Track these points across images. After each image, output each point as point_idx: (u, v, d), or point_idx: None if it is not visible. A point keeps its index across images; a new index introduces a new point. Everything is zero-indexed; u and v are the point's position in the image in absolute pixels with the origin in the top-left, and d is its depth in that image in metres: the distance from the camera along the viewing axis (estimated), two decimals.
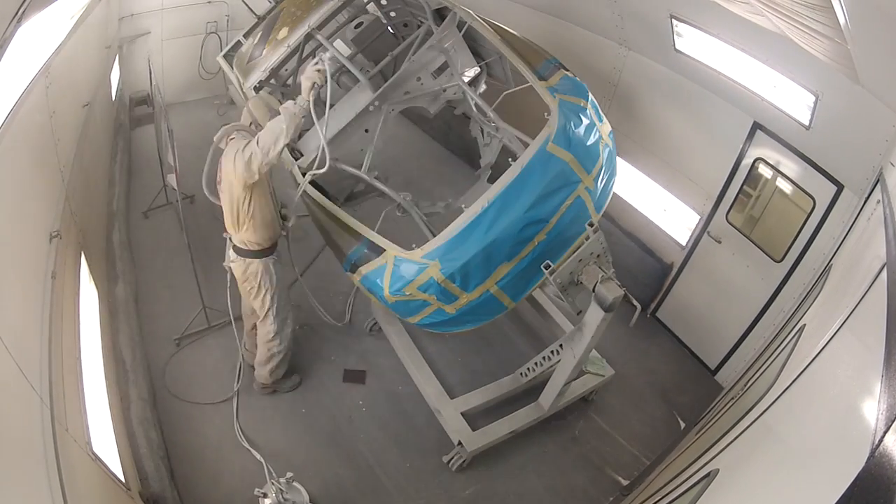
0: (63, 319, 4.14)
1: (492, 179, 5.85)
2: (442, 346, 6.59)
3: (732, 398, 4.52)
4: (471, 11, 6.00)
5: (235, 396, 5.93)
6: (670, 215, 6.96)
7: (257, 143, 4.40)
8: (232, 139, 4.66)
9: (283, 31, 6.46)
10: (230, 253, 5.17)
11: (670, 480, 3.99)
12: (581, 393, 5.95)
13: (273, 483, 4.76)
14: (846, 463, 1.67)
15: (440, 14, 6.31)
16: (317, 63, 4.53)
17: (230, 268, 5.24)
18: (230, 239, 5.10)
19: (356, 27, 6.75)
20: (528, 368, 5.82)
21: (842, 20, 2.88)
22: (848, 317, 2.64)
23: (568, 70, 5.57)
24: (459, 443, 5.43)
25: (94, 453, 3.77)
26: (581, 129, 4.86)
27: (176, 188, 6.39)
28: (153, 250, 7.68)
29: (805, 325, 3.75)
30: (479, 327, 4.99)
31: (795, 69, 4.84)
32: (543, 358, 5.59)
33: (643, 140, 6.95)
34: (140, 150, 9.50)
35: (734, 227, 6.17)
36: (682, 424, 6.14)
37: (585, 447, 5.89)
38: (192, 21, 10.34)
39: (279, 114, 4.48)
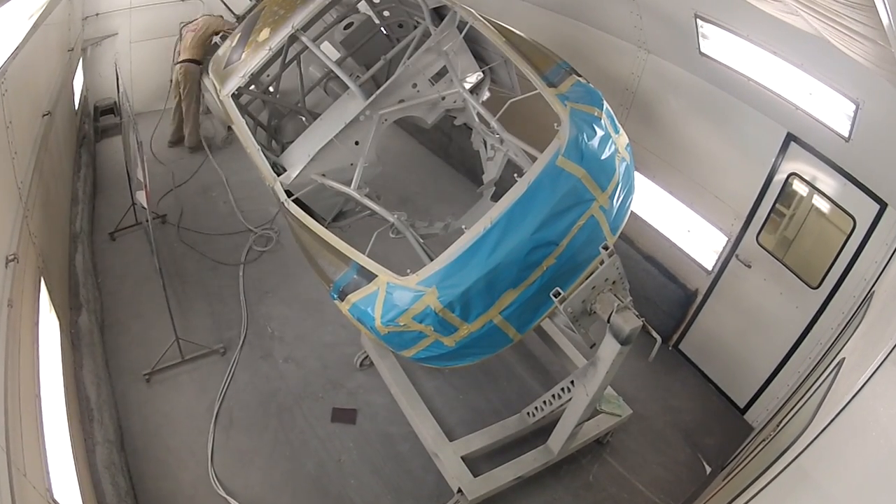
0: (20, 353, 4.16)
1: (496, 197, 5.87)
2: (440, 382, 6.60)
3: (764, 440, 4.51)
4: (473, 11, 6.06)
5: (210, 438, 5.94)
6: (694, 237, 6.99)
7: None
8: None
9: (265, 33, 6.53)
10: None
11: None
12: (595, 435, 5.94)
13: None
14: None
15: (439, 14, 6.38)
16: None
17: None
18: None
19: (345, 28, 6.86)
20: (536, 408, 5.81)
21: (885, 20, 2.89)
22: (892, 349, 2.66)
23: (580, 75, 5.64)
24: (459, 490, 5.41)
25: (55, 501, 3.76)
26: (595, 142, 4.91)
27: (146, 207, 6.41)
28: (120, 276, 7.72)
29: (844, 358, 3.75)
30: (482, 362, 5.00)
31: (833, 75, 4.87)
32: (553, 396, 5.58)
33: (664, 153, 7.01)
34: (106, 165, 9.61)
35: (766, 249, 6.19)
36: (708, 469, 6.13)
37: (600, 494, 5.87)
38: (163, 21, 10.47)
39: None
